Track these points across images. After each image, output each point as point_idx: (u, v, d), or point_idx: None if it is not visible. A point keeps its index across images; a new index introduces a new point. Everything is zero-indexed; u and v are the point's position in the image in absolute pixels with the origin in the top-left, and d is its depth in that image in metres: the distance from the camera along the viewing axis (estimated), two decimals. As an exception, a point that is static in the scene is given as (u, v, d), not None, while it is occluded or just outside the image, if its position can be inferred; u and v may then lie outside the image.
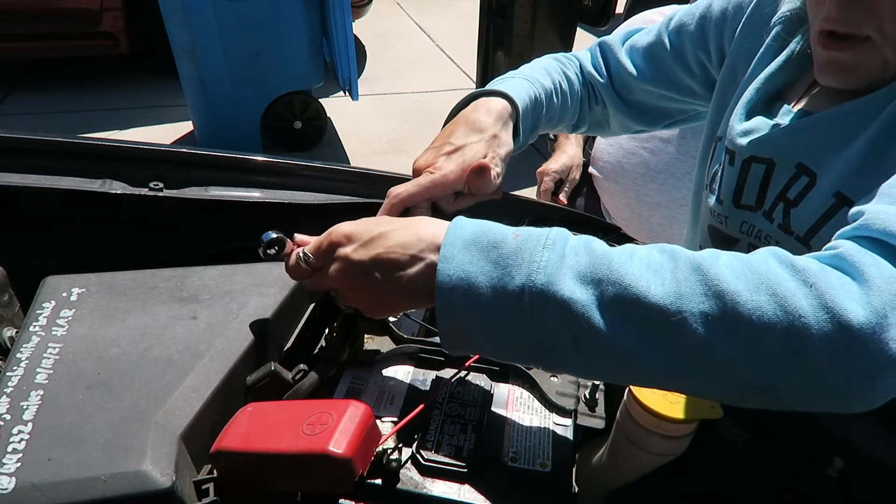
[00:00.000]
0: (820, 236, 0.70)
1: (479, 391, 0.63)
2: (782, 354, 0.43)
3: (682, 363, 0.46)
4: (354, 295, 0.57)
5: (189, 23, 3.11)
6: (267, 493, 0.52)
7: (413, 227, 0.55)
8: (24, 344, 0.58)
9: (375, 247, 0.54)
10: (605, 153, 1.62)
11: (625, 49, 1.00)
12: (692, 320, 0.44)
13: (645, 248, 0.49)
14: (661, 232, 1.55)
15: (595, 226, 0.87)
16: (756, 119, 0.77)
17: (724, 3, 0.88)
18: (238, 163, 0.83)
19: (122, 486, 0.46)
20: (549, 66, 0.96)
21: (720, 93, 0.89)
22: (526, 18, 3.42)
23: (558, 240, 0.50)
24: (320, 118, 3.77)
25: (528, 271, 0.47)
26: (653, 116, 1.03)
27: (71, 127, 3.74)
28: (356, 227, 0.56)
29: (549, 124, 0.96)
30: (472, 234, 0.51)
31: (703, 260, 0.46)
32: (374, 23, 5.62)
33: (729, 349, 0.44)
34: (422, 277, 0.52)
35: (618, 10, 3.46)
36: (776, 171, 0.75)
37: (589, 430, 0.62)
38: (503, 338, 0.49)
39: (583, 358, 0.48)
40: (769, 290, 0.43)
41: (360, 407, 0.51)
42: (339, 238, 0.56)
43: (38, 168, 0.78)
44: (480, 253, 0.49)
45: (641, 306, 0.45)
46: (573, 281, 0.47)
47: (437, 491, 0.53)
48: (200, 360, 0.58)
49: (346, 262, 0.55)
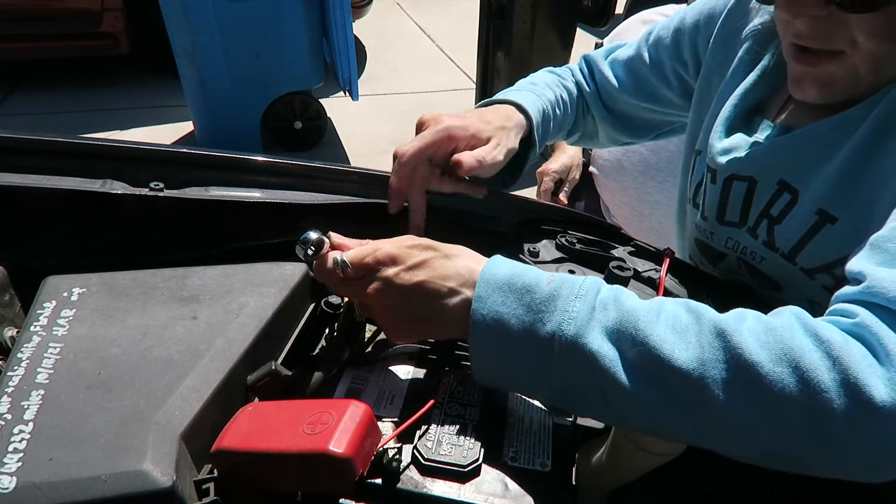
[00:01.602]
0: (805, 253, 0.70)
1: (479, 391, 0.63)
2: (803, 426, 0.43)
3: (704, 425, 0.46)
4: (385, 315, 0.58)
5: (189, 23, 3.11)
6: (267, 493, 0.52)
7: (453, 259, 0.57)
8: (24, 344, 0.58)
9: (418, 274, 0.55)
10: (605, 151, 1.63)
11: (608, 62, 1.02)
12: (714, 387, 0.45)
13: (672, 304, 0.50)
14: (660, 230, 1.56)
15: (595, 226, 0.87)
16: (735, 136, 0.77)
17: (697, 15, 0.88)
18: (238, 163, 0.83)
19: (123, 486, 0.46)
20: (548, 80, 0.98)
21: (697, 104, 0.89)
22: (526, 19, 3.42)
23: (590, 291, 0.51)
24: (320, 118, 3.78)
25: (560, 320, 0.49)
26: (638, 128, 1.05)
27: (71, 127, 3.75)
28: (401, 250, 0.57)
29: (556, 133, 0.99)
30: (507, 276, 0.52)
31: (727, 325, 0.46)
32: (374, 23, 5.62)
33: (750, 417, 0.44)
34: (457, 311, 0.54)
35: (618, 11, 3.46)
36: (758, 189, 0.75)
37: (589, 429, 0.62)
38: (532, 378, 0.52)
39: (611, 409, 0.49)
40: (792, 361, 0.44)
41: (360, 407, 0.51)
42: (385, 258, 0.56)
43: (39, 168, 0.78)
44: (514, 295, 0.51)
45: (665, 369, 0.46)
46: (601, 335, 0.48)
47: (437, 491, 0.53)
48: (201, 359, 0.58)
49: (387, 284, 0.56)
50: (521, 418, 0.61)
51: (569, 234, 0.84)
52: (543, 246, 0.82)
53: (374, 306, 0.58)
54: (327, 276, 0.59)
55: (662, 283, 0.77)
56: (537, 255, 0.80)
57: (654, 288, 0.78)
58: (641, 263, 0.82)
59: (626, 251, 0.85)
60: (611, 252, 0.82)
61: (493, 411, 0.62)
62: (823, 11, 0.58)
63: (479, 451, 0.56)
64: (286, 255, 0.72)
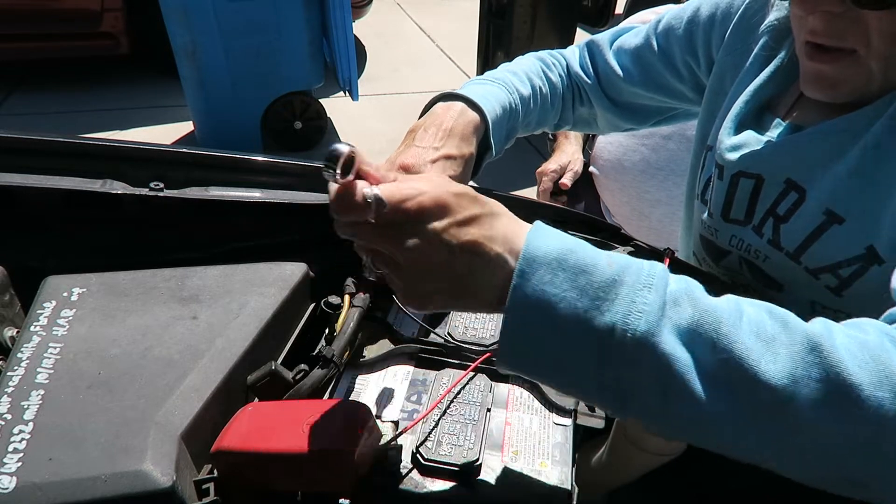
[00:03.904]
0: (810, 252, 0.70)
1: (479, 391, 0.63)
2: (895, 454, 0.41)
3: (778, 444, 0.43)
4: (415, 276, 0.47)
5: (189, 23, 3.11)
6: (267, 493, 0.53)
7: (498, 217, 0.48)
8: (24, 344, 0.58)
9: (470, 230, 0.46)
10: (605, 151, 1.62)
11: (613, 50, 0.98)
12: (804, 406, 0.41)
13: (754, 308, 0.45)
14: (661, 229, 1.55)
15: (595, 226, 0.87)
16: (745, 133, 0.76)
17: (713, 9, 0.86)
18: (238, 163, 0.83)
19: (123, 486, 0.46)
20: (530, 69, 0.95)
21: (709, 100, 0.88)
22: (526, 19, 3.43)
23: (660, 281, 0.44)
24: (320, 118, 3.78)
25: (625, 311, 0.42)
26: (641, 115, 1.02)
27: (71, 127, 3.75)
28: (449, 196, 0.46)
29: (526, 129, 0.95)
30: (558, 250, 0.45)
31: (821, 339, 0.42)
32: (374, 23, 5.62)
33: (838, 441, 0.41)
34: (497, 281, 0.46)
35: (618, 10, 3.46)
36: (765, 187, 0.74)
37: (589, 429, 0.62)
38: (574, 370, 0.45)
39: (667, 415, 0.44)
40: (893, 386, 0.41)
41: (360, 407, 0.51)
42: (432, 206, 0.46)
43: (39, 168, 0.78)
44: (565, 274, 0.44)
45: (748, 381, 0.41)
46: (674, 335, 0.42)
47: (437, 491, 0.53)
48: (201, 360, 0.58)
49: (433, 239, 0.45)
50: (521, 418, 0.61)
51: (569, 234, 0.84)
52: (543, 246, 0.82)
53: (404, 263, 0.47)
54: (350, 210, 0.46)
55: (662, 283, 0.77)
56: (537, 255, 0.80)
57: (654, 288, 0.77)
58: (641, 263, 0.82)
59: (626, 251, 0.85)
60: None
61: (492, 411, 0.62)
62: (839, 7, 0.58)
63: (479, 451, 0.56)
64: (286, 255, 0.72)
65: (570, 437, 0.59)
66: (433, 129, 0.74)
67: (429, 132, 0.73)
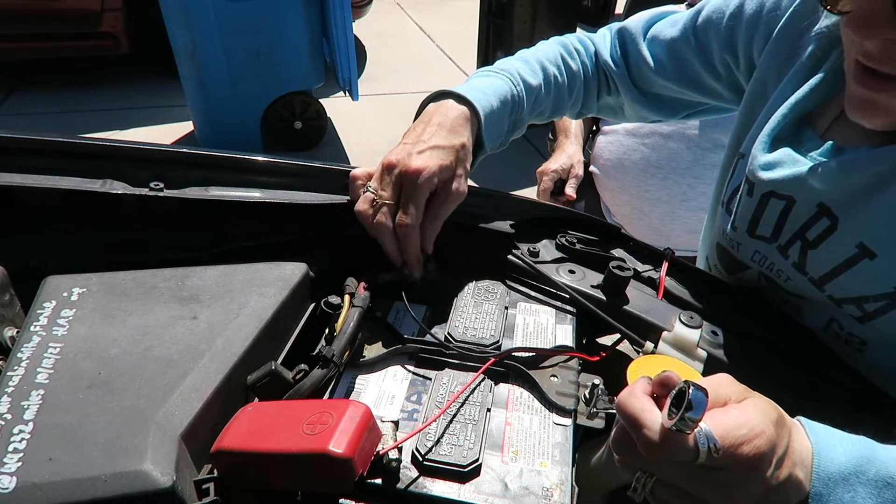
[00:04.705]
0: (837, 282, 0.67)
1: (479, 391, 0.63)
2: None
3: None
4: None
5: (189, 23, 3.11)
6: (267, 493, 0.53)
7: (787, 428, 0.44)
8: (24, 344, 0.58)
9: (786, 465, 0.43)
10: (605, 150, 1.63)
11: (647, 40, 0.93)
12: None
13: None
14: (661, 228, 1.56)
15: (595, 226, 0.87)
16: (781, 151, 0.71)
17: (758, 7, 0.79)
18: (238, 163, 0.83)
19: (123, 486, 0.46)
20: (547, 56, 0.92)
21: (748, 105, 0.83)
22: (526, 19, 3.43)
23: None
24: (320, 118, 3.78)
25: None
26: (671, 108, 0.98)
27: (71, 127, 3.75)
28: (769, 427, 0.41)
29: (539, 117, 0.93)
30: (854, 464, 0.43)
31: None
32: (374, 23, 5.63)
33: None
34: (788, 495, 0.43)
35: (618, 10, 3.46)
36: (795, 209, 0.71)
37: (589, 429, 0.62)
38: None
39: None
40: None
41: (360, 407, 0.51)
42: (768, 449, 0.41)
43: (39, 168, 0.78)
44: (865, 489, 0.43)
45: None
46: None
47: (437, 491, 0.53)
48: (201, 359, 0.58)
49: (759, 483, 0.41)
50: (520, 418, 0.61)
51: (569, 233, 0.84)
52: (543, 246, 0.82)
53: (709, 500, 0.41)
54: (675, 455, 0.39)
55: (662, 284, 0.77)
56: (537, 255, 0.80)
57: (654, 288, 0.78)
58: (641, 263, 0.82)
59: (626, 251, 0.85)
60: (611, 252, 0.82)
61: (493, 411, 0.62)
62: None
63: (479, 451, 0.56)
64: (286, 255, 0.72)
65: (570, 437, 0.59)
66: (421, 127, 0.74)
67: (416, 129, 0.74)
